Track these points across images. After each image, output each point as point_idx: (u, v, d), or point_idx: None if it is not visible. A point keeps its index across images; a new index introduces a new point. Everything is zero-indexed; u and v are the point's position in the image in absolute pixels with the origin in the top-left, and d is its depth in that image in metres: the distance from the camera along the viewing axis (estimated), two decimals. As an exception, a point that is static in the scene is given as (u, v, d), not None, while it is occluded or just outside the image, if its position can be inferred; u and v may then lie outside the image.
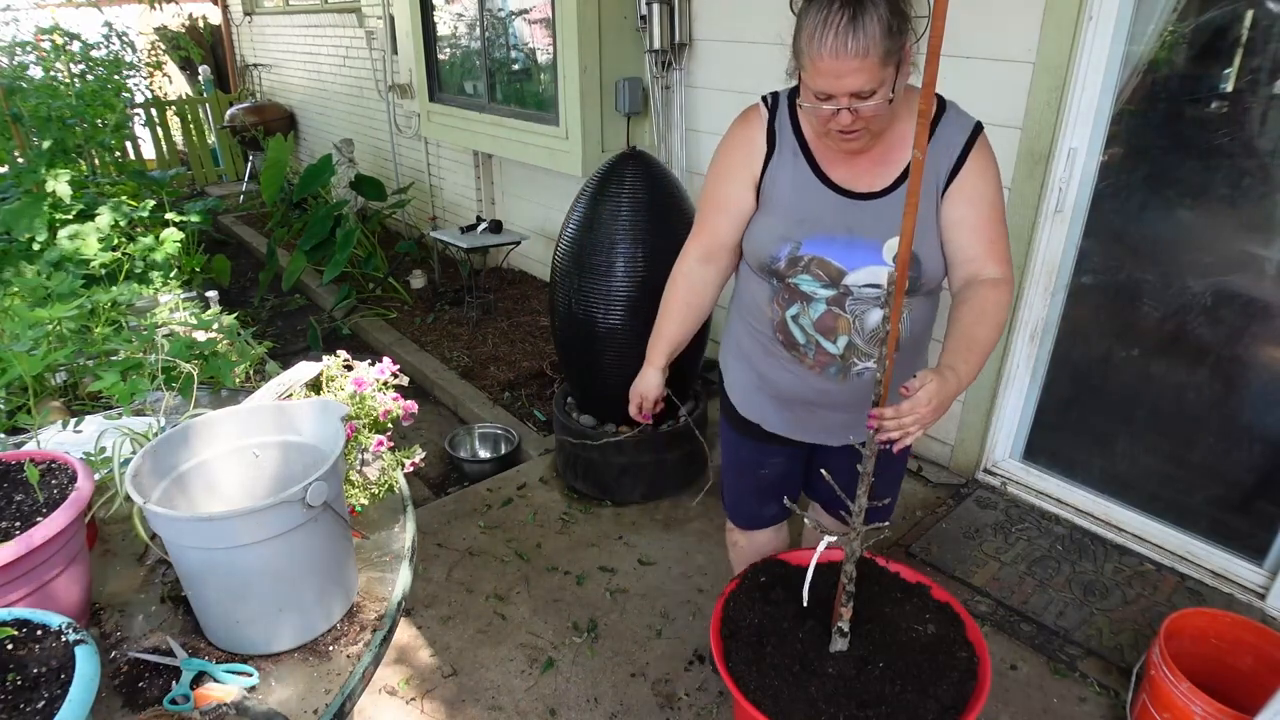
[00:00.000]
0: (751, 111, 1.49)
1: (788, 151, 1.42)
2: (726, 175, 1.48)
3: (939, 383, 1.21)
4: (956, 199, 1.36)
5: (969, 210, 1.36)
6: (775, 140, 1.43)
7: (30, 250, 2.88)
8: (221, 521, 1.03)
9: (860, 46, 1.17)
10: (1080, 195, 2.39)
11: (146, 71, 7.17)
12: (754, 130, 1.46)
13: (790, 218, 1.41)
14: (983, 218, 1.36)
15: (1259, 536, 2.29)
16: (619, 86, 3.51)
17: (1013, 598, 2.29)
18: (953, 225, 1.37)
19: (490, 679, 2.08)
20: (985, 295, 1.34)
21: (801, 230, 1.39)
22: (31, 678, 0.88)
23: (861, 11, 1.17)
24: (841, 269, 1.39)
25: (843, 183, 1.39)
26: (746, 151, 1.46)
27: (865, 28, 1.17)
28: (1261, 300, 2.19)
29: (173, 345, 1.62)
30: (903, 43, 1.22)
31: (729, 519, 1.90)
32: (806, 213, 1.40)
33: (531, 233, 4.77)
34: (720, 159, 1.50)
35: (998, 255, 1.37)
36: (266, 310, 5.00)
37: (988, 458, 2.83)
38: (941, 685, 1.34)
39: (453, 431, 3.30)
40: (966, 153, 1.35)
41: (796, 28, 1.25)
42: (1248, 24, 2.09)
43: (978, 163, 1.36)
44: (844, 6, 1.17)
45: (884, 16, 1.17)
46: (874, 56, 1.18)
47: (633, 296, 2.58)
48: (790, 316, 1.46)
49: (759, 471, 1.73)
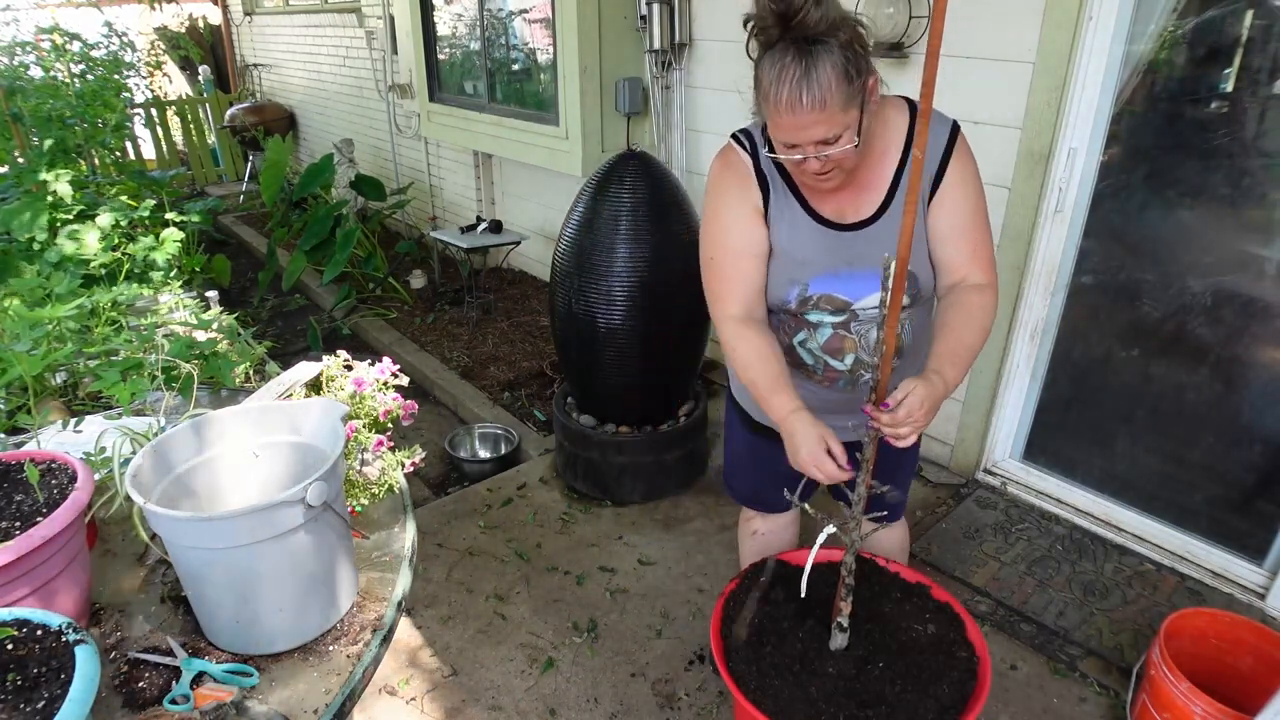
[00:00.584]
0: (733, 156, 1.43)
1: (780, 195, 1.41)
2: (736, 223, 1.42)
3: (926, 388, 1.24)
4: (940, 210, 1.37)
5: (954, 220, 1.37)
6: (767, 182, 1.41)
7: (30, 250, 2.88)
8: (221, 521, 1.03)
9: (816, 99, 1.15)
10: (1080, 195, 2.40)
11: (146, 71, 7.17)
12: (743, 177, 1.42)
13: (793, 260, 1.41)
14: (966, 225, 1.37)
15: (1259, 536, 2.29)
16: (619, 86, 3.52)
17: (1013, 598, 2.29)
18: (938, 235, 1.39)
19: (490, 679, 2.08)
20: (971, 300, 1.36)
21: (805, 272, 1.41)
22: (31, 678, 0.88)
23: (815, 62, 1.13)
24: (847, 300, 1.41)
25: (834, 217, 1.40)
26: (745, 194, 1.41)
27: (819, 79, 1.14)
28: (1261, 300, 2.19)
29: (173, 345, 1.62)
30: (863, 83, 1.19)
31: (747, 509, 1.91)
32: (807, 254, 1.40)
33: (531, 233, 4.77)
34: (721, 210, 1.44)
35: (981, 261, 1.38)
36: (266, 310, 5.00)
37: (987, 458, 2.83)
38: (941, 685, 1.34)
39: (453, 431, 3.30)
40: (948, 158, 1.35)
41: (755, 77, 1.22)
42: (1248, 24, 2.09)
43: (958, 167, 1.36)
44: (798, 58, 1.14)
45: (838, 63, 1.14)
46: (833, 105, 1.16)
47: (633, 296, 2.58)
48: (798, 342, 1.49)
49: (776, 467, 1.72)
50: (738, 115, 3.24)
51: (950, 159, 1.35)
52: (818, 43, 1.14)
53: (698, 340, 2.82)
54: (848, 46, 1.16)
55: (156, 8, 8.38)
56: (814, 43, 1.14)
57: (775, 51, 1.17)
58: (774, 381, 1.38)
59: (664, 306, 2.61)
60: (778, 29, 1.16)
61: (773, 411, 1.38)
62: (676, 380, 2.85)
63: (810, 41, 1.14)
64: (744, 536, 1.98)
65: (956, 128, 1.36)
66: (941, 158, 1.34)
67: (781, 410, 1.36)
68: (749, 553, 1.96)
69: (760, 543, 1.92)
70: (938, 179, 1.35)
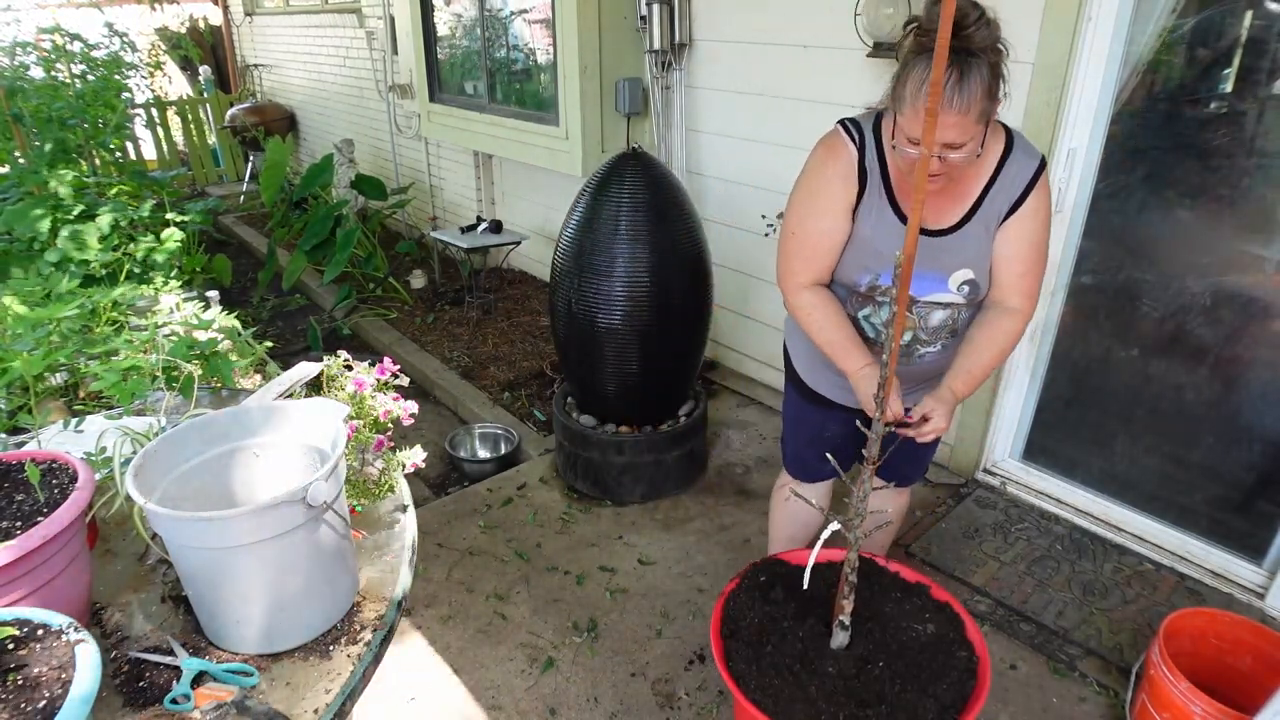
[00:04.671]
0: (839, 145, 1.52)
1: (875, 193, 1.50)
2: (829, 210, 1.53)
3: (945, 408, 1.48)
4: (1007, 234, 1.49)
5: (1014, 247, 1.49)
6: (866, 180, 1.50)
7: (31, 250, 2.88)
8: (222, 521, 1.03)
9: (963, 104, 1.26)
10: (1080, 195, 2.40)
11: (147, 71, 7.17)
12: (847, 167, 1.51)
13: (872, 251, 1.52)
14: (1023, 254, 1.50)
15: (1258, 536, 2.29)
16: (619, 86, 3.52)
17: (1012, 597, 2.29)
18: (996, 255, 1.51)
19: (490, 678, 2.08)
20: (1001, 325, 1.52)
21: (880, 263, 1.52)
22: (32, 677, 0.88)
23: (968, 73, 1.25)
24: (913, 295, 1.52)
25: (923, 222, 1.49)
26: (843, 189, 1.51)
27: (970, 87, 1.25)
28: (1261, 300, 2.19)
29: (173, 345, 1.62)
30: (996, 105, 1.32)
31: (786, 471, 2.05)
32: (886, 248, 1.51)
33: (531, 233, 4.77)
34: (819, 192, 1.54)
35: (1025, 289, 1.52)
36: (267, 310, 5.00)
37: (987, 458, 2.83)
38: (941, 685, 1.34)
39: (453, 431, 3.30)
40: (1028, 191, 1.46)
41: (902, 74, 1.33)
42: (1247, 24, 2.09)
43: (1034, 204, 1.47)
44: (955, 64, 1.24)
45: (985, 79, 1.26)
46: (973, 115, 1.28)
47: (633, 296, 2.58)
48: (862, 316, 1.62)
49: (823, 434, 1.88)
50: (738, 115, 3.25)
51: (1031, 192, 1.46)
52: (973, 56, 1.25)
53: (698, 340, 2.82)
54: (995, 68, 1.28)
55: (157, 8, 8.39)
56: (970, 55, 1.25)
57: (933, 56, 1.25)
58: (849, 340, 1.55)
59: (664, 306, 2.61)
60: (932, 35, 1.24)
61: (848, 365, 1.55)
62: (676, 380, 2.85)
63: (967, 54, 1.24)
64: (777, 504, 2.14)
65: (1043, 164, 1.48)
66: (1025, 189, 1.46)
67: (855, 365, 1.54)
68: (779, 519, 2.14)
69: (790, 510, 2.08)
70: (1016, 205, 1.47)
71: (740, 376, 3.68)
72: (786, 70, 2.99)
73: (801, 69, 2.94)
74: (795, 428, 1.97)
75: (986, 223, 1.49)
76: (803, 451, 1.96)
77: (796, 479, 2.02)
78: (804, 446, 1.95)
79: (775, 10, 2.97)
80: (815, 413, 1.86)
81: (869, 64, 2.66)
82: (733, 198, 3.39)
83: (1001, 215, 1.48)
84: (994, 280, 1.53)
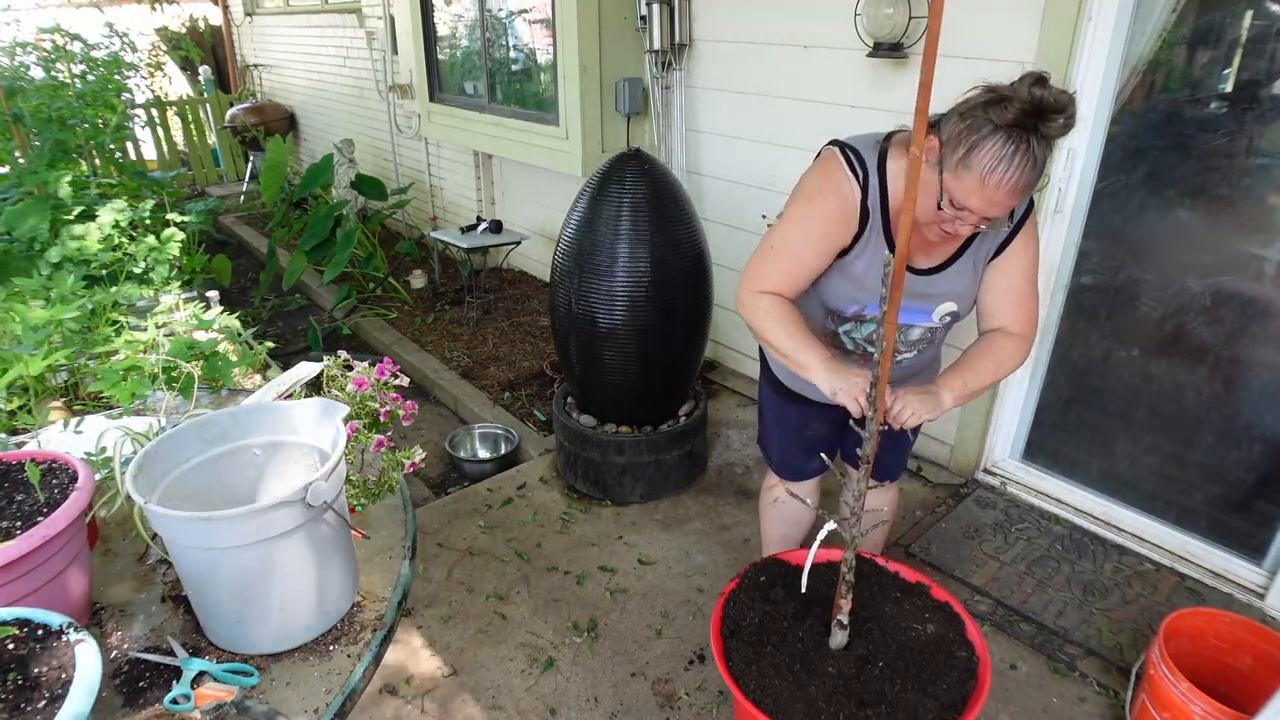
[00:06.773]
0: (841, 179, 1.46)
1: (874, 233, 1.48)
2: (817, 245, 1.50)
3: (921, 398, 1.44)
4: (999, 270, 1.52)
5: (1010, 280, 1.52)
6: (866, 221, 1.47)
7: (31, 250, 2.88)
8: (222, 521, 1.03)
9: (1028, 186, 1.26)
10: (1080, 195, 2.40)
11: (147, 72, 7.17)
12: (849, 208, 1.46)
13: (862, 286, 1.53)
14: (1018, 286, 1.53)
15: (1258, 536, 2.29)
16: (619, 87, 3.52)
17: (1012, 597, 2.29)
18: (990, 291, 1.54)
19: (490, 678, 2.08)
20: (1000, 344, 1.54)
21: (869, 296, 1.53)
22: (32, 677, 0.89)
23: (1040, 159, 1.24)
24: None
25: (912, 262, 1.51)
26: (839, 232, 1.48)
27: (1035, 170, 1.25)
28: (1261, 300, 2.19)
29: (173, 345, 1.62)
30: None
31: (773, 473, 2.05)
32: (876, 285, 1.50)
33: (531, 233, 4.77)
34: (811, 226, 1.49)
35: (1024, 318, 1.55)
36: (267, 310, 5.00)
37: (987, 457, 2.83)
38: (941, 685, 1.34)
39: (453, 431, 3.31)
40: (1018, 228, 1.49)
41: (968, 141, 1.25)
42: (1247, 24, 2.09)
43: (1023, 240, 1.50)
44: (1031, 153, 1.22)
45: (1041, 159, 1.24)
46: (1027, 194, 1.30)
47: (633, 296, 2.58)
48: (843, 331, 1.64)
49: (805, 432, 1.90)
50: (738, 115, 3.25)
51: (1020, 230, 1.49)
52: (1045, 138, 1.23)
53: (698, 340, 2.82)
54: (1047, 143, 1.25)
55: (157, 8, 8.38)
56: (1044, 138, 1.23)
57: (1014, 135, 1.22)
58: (804, 339, 1.48)
59: (664, 306, 2.61)
60: (1022, 115, 1.20)
61: (806, 365, 1.47)
62: (676, 380, 2.85)
63: (1042, 137, 1.23)
64: (765, 506, 2.13)
65: (1032, 203, 1.51)
66: (1014, 227, 1.48)
67: (813, 362, 1.46)
68: (770, 521, 2.13)
69: (780, 510, 2.08)
70: (1005, 243, 1.50)
71: (740, 376, 3.68)
72: (786, 70, 2.99)
73: (801, 69, 2.94)
74: (777, 429, 1.96)
75: (975, 261, 1.51)
76: (788, 451, 1.97)
77: (785, 479, 2.02)
78: (788, 446, 1.96)
79: (775, 10, 2.97)
80: (795, 411, 1.87)
81: (869, 64, 2.66)
82: (733, 197, 3.39)
83: (990, 254, 1.51)
84: (991, 314, 1.56)
